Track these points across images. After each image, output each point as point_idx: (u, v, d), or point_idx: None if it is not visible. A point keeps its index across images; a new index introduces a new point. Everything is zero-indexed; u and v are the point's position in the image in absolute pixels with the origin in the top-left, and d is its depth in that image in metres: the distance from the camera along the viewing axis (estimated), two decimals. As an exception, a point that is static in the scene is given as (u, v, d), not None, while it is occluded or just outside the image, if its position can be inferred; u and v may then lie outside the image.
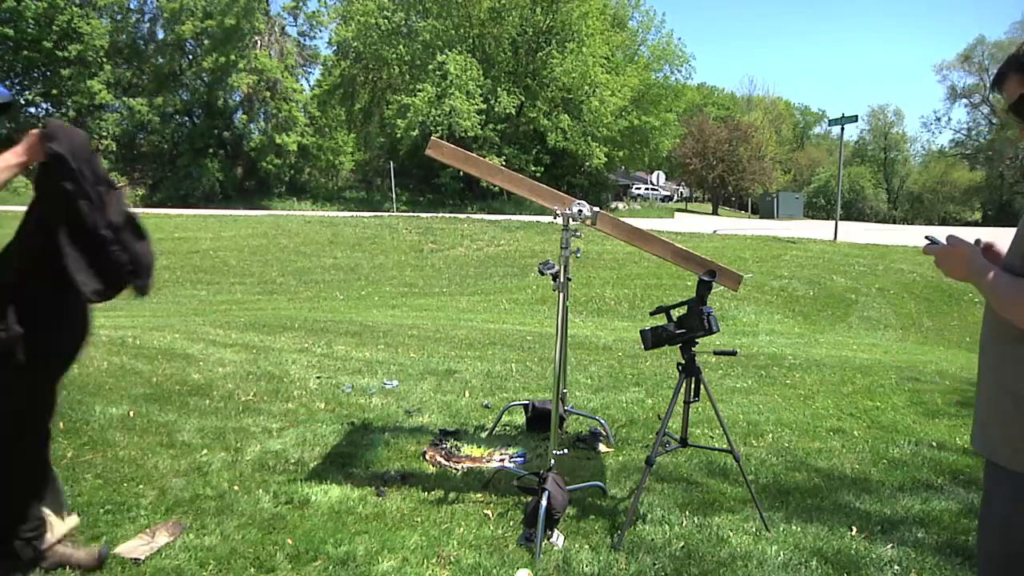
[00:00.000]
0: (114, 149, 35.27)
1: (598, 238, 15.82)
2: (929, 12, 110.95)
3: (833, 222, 21.89)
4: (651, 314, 3.41)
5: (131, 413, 4.48)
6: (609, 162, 33.92)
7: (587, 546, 2.91)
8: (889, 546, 2.96)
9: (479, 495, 3.44)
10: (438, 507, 3.27)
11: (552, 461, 3.16)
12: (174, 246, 18.71)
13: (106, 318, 9.19)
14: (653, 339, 3.20)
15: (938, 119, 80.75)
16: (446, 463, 3.86)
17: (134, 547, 2.77)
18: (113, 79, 35.78)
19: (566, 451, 3.68)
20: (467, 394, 5.42)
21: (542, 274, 3.48)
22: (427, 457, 3.94)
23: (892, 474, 3.88)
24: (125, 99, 35.47)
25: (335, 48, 36.32)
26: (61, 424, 4.18)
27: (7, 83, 34.81)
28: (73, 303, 2.35)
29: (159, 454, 3.82)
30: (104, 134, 35.09)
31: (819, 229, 24.33)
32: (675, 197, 54.66)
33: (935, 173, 58.96)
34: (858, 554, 2.88)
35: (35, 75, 35.75)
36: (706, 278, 3.15)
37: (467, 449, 4.10)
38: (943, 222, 53.42)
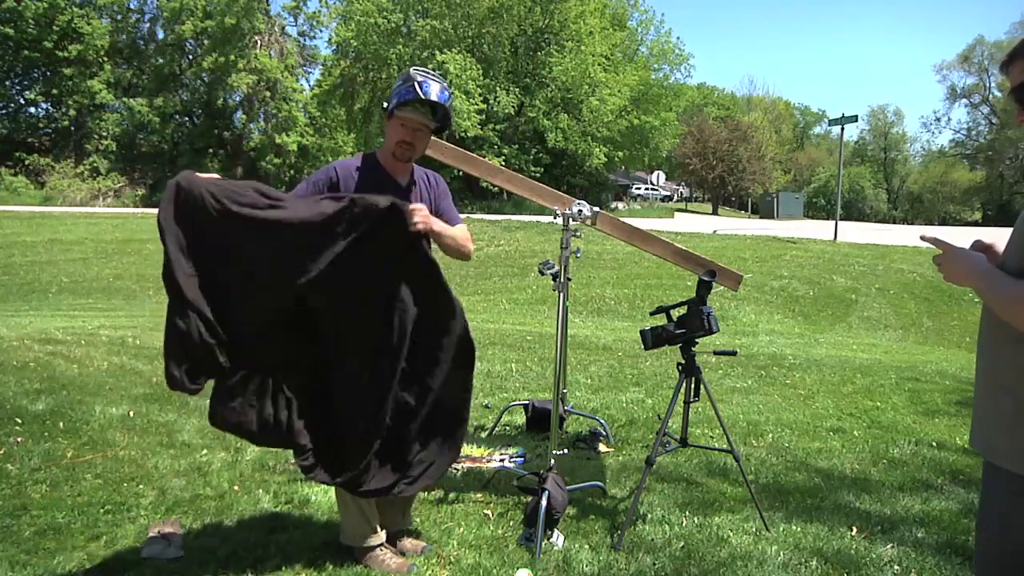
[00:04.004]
0: (114, 149, 35.25)
1: (598, 238, 15.81)
2: (929, 12, 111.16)
3: (833, 222, 21.89)
4: (651, 314, 3.41)
5: (131, 413, 4.48)
6: (609, 162, 33.87)
7: (587, 546, 2.91)
8: (889, 546, 2.95)
9: (479, 495, 3.44)
10: (438, 507, 3.27)
11: (552, 461, 3.15)
12: (174, 246, 18.68)
13: (106, 318, 9.19)
14: (653, 339, 3.20)
15: (938, 119, 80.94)
16: (446, 463, 3.86)
17: (159, 551, 2.77)
18: (113, 79, 35.77)
19: (566, 451, 3.68)
20: (467, 394, 5.41)
21: (542, 274, 3.48)
22: (427, 457, 3.93)
23: (892, 474, 3.88)
24: (125, 99, 35.46)
25: (335, 48, 36.29)
26: (61, 424, 4.18)
27: (7, 83, 34.88)
28: None
29: (159, 454, 3.82)
30: (104, 134, 35.07)
31: (819, 229, 24.32)
32: (675, 197, 54.60)
33: (935, 173, 58.94)
34: (858, 554, 2.88)
35: (35, 75, 35.77)
36: (706, 278, 3.15)
37: (467, 449, 4.09)
38: (943, 222, 53.43)
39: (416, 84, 2.55)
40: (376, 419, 2.52)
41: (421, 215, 2.48)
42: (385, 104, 2.66)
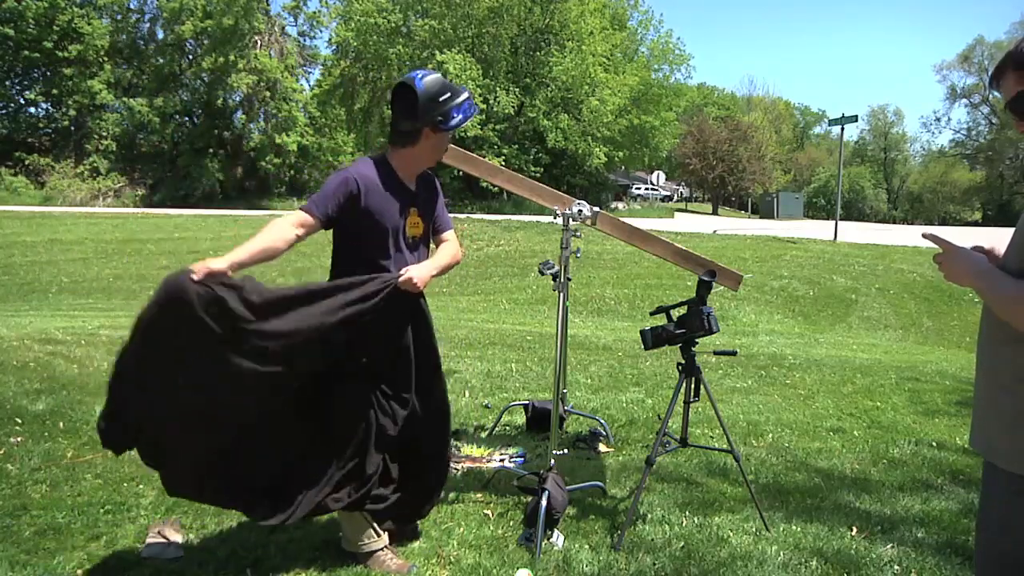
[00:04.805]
0: (114, 149, 35.24)
1: (598, 238, 15.81)
2: (929, 12, 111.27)
3: (833, 222, 21.89)
4: (651, 314, 3.41)
5: (131, 413, 4.47)
6: (609, 162, 33.87)
7: (587, 546, 2.91)
8: (889, 546, 2.96)
9: (479, 495, 3.44)
10: (438, 507, 3.26)
11: (552, 461, 3.15)
12: (174, 246, 18.72)
13: (106, 318, 9.19)
14: (653, 339, 3.20)
15: (938, 119, 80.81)
16: (446, 463, 3.86)
17: (159, 551, 2.77)
18: (113, 79, 35.75)
19: (566, 451, 3.68)
20: (467, 394, 5.42)
21: (542, 274, 3.48)
22: (427, 457, 3.93)
23: (892, 474, 3.88)
24: (125, 99, 35.43)
25: (335, 48, 36.31)
26: (61, 424, 4.18)
27: (7, 83, 34.87)
28: None
29: (159, 454, 3.81)
30: (104, 134, 35.07)
31: (819, 229, 24.33)
32: (675, 197, 54.62)
33: (935, 173, 58.98)
34: (858, 554, 2.88)
35: (35, 75, 35.74)
36: (706, 278, 3.15)
37: (467, 449, 4.09)
38: (943, 222, 53.44)
39: (470, 100, 2.62)
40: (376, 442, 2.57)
41: (416, 283, 2.48)
42: (440, 118, 2.54)
